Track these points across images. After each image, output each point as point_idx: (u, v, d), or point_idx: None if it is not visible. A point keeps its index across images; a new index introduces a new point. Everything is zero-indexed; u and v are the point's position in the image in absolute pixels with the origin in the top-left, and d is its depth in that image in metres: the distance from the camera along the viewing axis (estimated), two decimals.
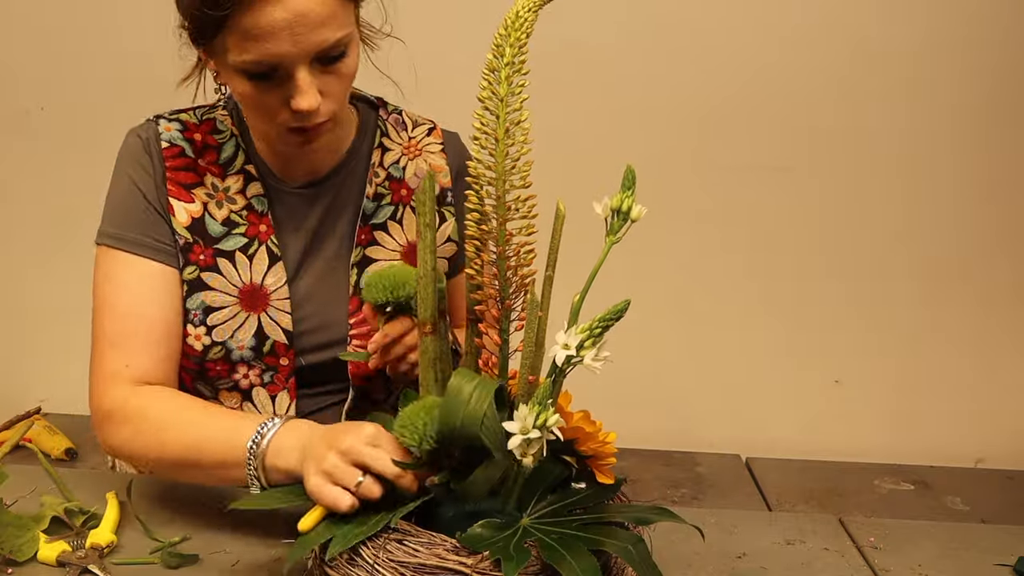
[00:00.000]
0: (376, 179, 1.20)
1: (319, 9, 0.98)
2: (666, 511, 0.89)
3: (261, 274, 1.15)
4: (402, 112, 1.27)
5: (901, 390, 2.26)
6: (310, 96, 1.01)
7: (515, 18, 0.82)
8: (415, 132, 1.25)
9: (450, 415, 0.82)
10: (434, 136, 1.25)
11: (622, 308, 0.79)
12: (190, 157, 1.14)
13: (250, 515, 1.10)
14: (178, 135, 1.14)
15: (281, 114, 1.04)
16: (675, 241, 2.16)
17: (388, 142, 1.23)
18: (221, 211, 1.14)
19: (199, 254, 1.13)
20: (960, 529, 1.27)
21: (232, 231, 1.14)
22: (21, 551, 0.98)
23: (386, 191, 1.21)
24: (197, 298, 1.13)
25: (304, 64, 1.00)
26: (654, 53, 2.11)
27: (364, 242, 1.19)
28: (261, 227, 1.15)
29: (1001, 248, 2.20)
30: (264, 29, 0.97)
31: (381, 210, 1.20)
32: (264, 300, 1.15)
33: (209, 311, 1.14)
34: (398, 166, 1.22)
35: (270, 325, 1.16)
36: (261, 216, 1.15)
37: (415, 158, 1.23)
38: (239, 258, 1.15)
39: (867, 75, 2.12)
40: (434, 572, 0.81)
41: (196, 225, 1.13)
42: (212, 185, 1.15)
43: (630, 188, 0.83)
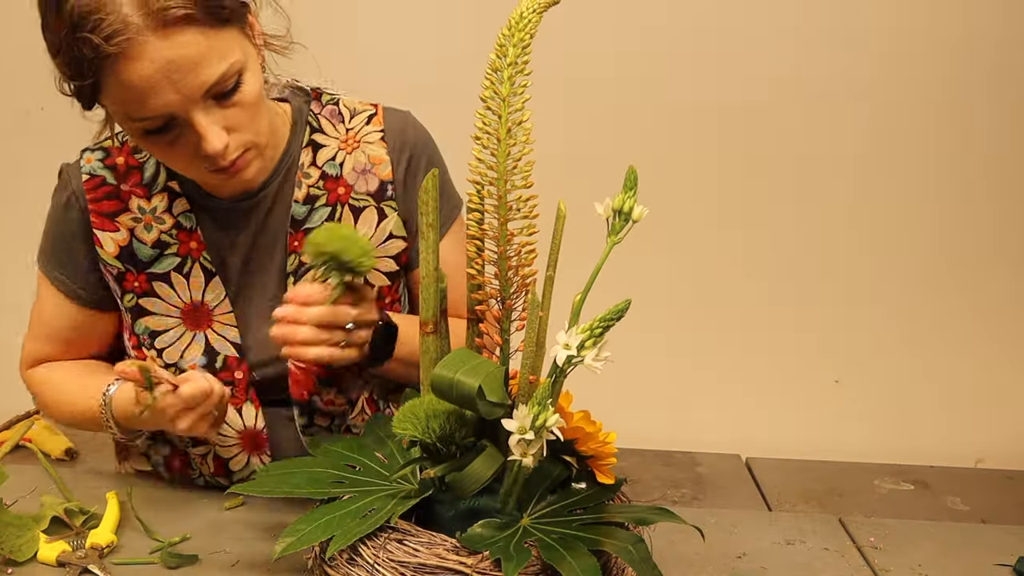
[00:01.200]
0: (307, 180, 1.14)
1: (188, 51, 0.93)
2: (666, 511, 0.89)
3: (200, 291, 1.14)
4: (339, 102, 1.19)
5: (901, 390, 2.26)
6: (215, 139, 0.97)
7: (519, 19, 0.82)
8: (353, 122, 1.17)
9: (450, 368, 0.82)
10: (374, 123, 1.17)
11: (623, 308, 0.79)
12: (112, 184, 1.13)
13: (250, 515, 1.10)
14: (99, 165, 1.14)
15: (195, 161, 1.01)
16: (676, 241, 2.16)
17: (322, 138, 1.16)
18: (150, 234, 1.13)
19: (133, 281, 1.13)
20: (960, 529, 1.27)
21: (164, 252, 1.13)
22: (21, 551, 0.98)
23: (320, 191, 1.14)
24: (141, 324, 1.15)
25: (197, 107, 0.96)
26: (655, 54, 2.11)
27: (298, 249, 1.14)
28: (192, 244, 1.13)
29: (1001, 248, 2.20)
30: (139, 86, 0.93)
31: (316, 212, 1.14)
32: (207, 317, 1.14)
33: (155, 335, 1.14)
34: (334, 163, 1.15)
35: (218, 340, 1.14)
36: (191, 233, 1.13)
37: (353, 151, 1.16)
38: (175, 278, 1.13)
39: (868, 77, 2.11)
40: (434, 572, 0.81)
41: (124, 253, 1.13)
42: (139, 208, 1.13)
43: (632, 189, 0.83)
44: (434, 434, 0.86)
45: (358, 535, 0.83)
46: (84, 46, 0.92)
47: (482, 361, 0.84)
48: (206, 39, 0.94)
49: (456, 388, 0.81)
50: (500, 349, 0.89)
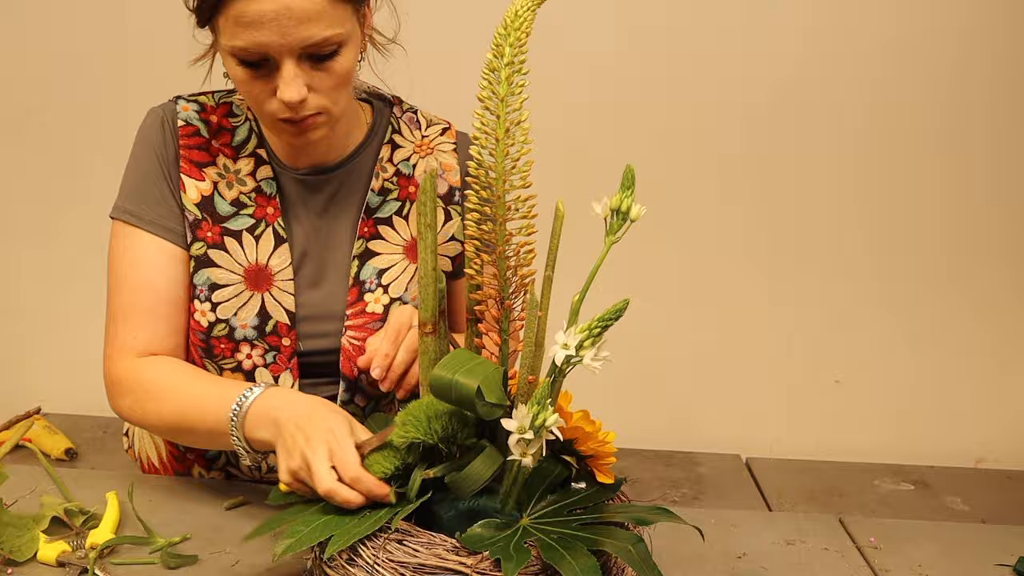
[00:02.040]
0: (384, 174, 1.22)
1: (307, 5, 1.01)
2: (666, 511, 0.89)
3: (267, 255, 1.17)
4: (417, 111, 1.28)
5: (901, 390, 2.26)
6: (293, 88, 1.04)
7: (514, 17, 0.82)
8: (428, 131, 1.26)
9: (448, 368, 0.82)
10: (447, 136, 1.26)
11: (621, 308, 0.79)
12: (204, 137, 1.17)
13: (250, 515, 1.10)
14: (195, 115, 1.18)
15: (269, 103, 1.07)
16: (675, 241, 2.16)
17: (400, 139, 1.24)
18: (231, 191, 1.17)
19: (207, 231, 1.16)
20: (960, 529, 1.27)
21: (240, 211, 1.17)
22: (21, 551, 0.98)
23: (393, 187, 1.22)
24: (203, 274, 1.16)
25: (291, 57, 1.03)
26: (654, 53, 2.11)
27: (367, 235, 1.20)
28: (268, 209, 1.18)
29: (1001, 248, 2.20)
30: (253, 18, 1.00)
31: (386, 204, 1.21)
32: (268, 280, 1.17)
33: (214, 288, 1.16)
34: (408, 163, 1.23)
35: (273, 305, 1.17)
36: (269, 199, 1.18)
37: (426, 156, 1.24)
38: (246, 238, 1.17)
39: (868, 77, 2.11)
40: (434, 572, 0.81)
41: (205, 203, 1.16)
42: (224, 166, 1.18)
43: (629, 188, 0.83)
44: (436, 435, 0.86)
45: (357, 536, 0.83)
46: None
47: (481, 362, 0.84)
48: (326, 3, 1.02)
49: (455, 389, 0.81)
50: (500, 349, 0.89)
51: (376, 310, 1.20)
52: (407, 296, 1.20)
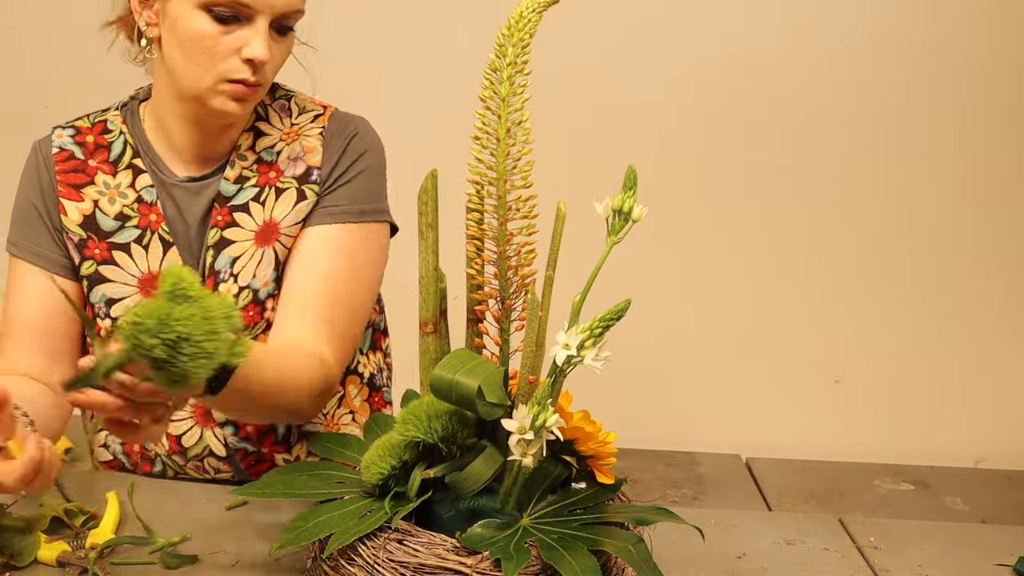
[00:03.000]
0: (242, 162, 1.19)
1: None
2: (666, 511, 0.89)
3: (158, 262, 1.18)
4: (292, 98, 1.24)
5: (901, 390, 2.26)
6: (264, 48, 1.06)
7: (519, 18, 0.82)
8: (299, 119, 1.22)
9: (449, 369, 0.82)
10: (319, 121, 1.21)
11: (623, 308, 0.79)
12: (79, 159, 1.19)
13: (250, 515, 1.10)
14: (69, 140, 1.20)
15: (226, 62, 1.08)
16: (675, 241, 2.16)
17: (265, 126, 1.21)
18: (113, 207, 1.18)
19: (94, 248, 1.17)
20: (960, 529, 1.27)
21: (125, 224, 1.18)
22: (21, 556, 0.98)
23: (252, 174, 1.19)
24: (98, 291, 1.17)
25: (267, 18, 1.06)
26: (656, 53, 2.11)
27: (221, 224, 1.18)
28: (152, 216, 1.18)
29: (1001, 248, 2.20)
30: None
31: (243, 192, 1.18)
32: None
33: (111, 303, 1.17)
34: (272, 151, 1.20)
35: None
36: (151, 206, 1.18)
37: (291, 143, 1.20)
38: (135, 249, 1.18)
39: (870, 76, 2.11)
40: (434, 572, 0.81)
41: (88, 222, 1.17)
42: (104, 183, 1.18)
43: (631, 188, 0.83)
44: (436, 434, 0.86)
45: (357, 534, 0.83)
46: None
47: (482, 362, 0.84)
48: None
49: (455, 389, 0.81)
50: (500, 349, 0.89)
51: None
52: (256, 283, 1.17)
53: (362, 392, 1.30)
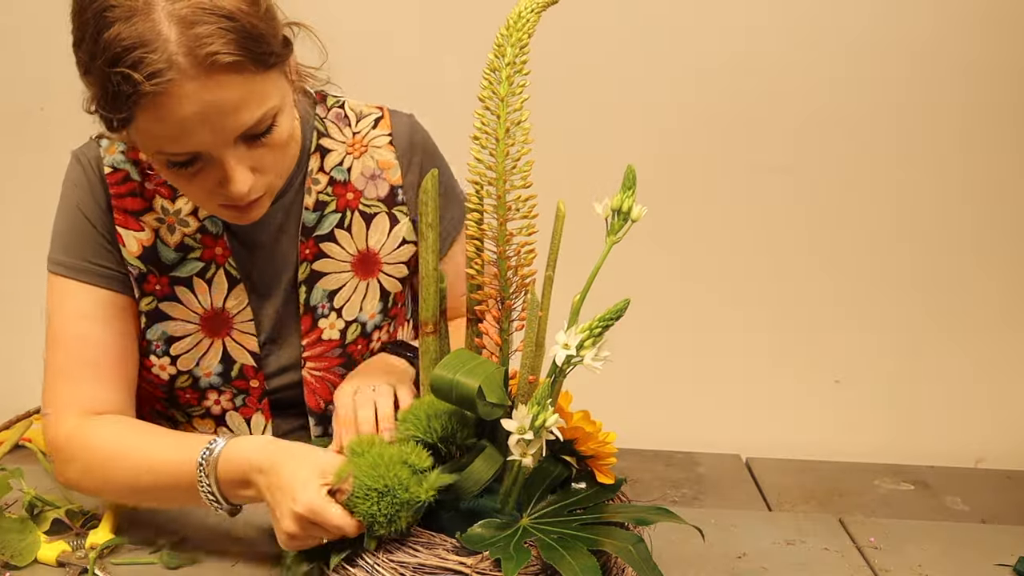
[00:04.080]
0: (316, 187, 1.11)
1: (230, 95, 0.89)
2: (666, 511, 0.89)
3: (222, 298, 1.10)
4: (344, 104, 1.16)
5: (901, 390, 2.26)
6: (241, 182, 0.94)
7: (517, 18, 0.82)
8: (359, 126, 1.15)
9: (449, 369, 0.82)
10: (381, 127, 1.15)
11: (622, 308, 0.79)
12: (135, 181, 1.07)
13: (250, 515, 1.10)
14: (121, 157, 1.08)
15: (213, 196, 0.98)
16: (675, 241, 2.16)
17: (329, 142, 1.13)
18: (174, 236, 1.08)
19: (155, 284, 1.08)
20: (960, 529, 1.27)
21: (187, 256, 1.09)
22: (22, 555, 0.98)
23: (329, 197, 1.12)
24: (157, 329, 1.09)
25: (228, 148, 0.93)
26: (655, 53, 2.11)
27: (309, 257, 1.12)
28: (217, 249, 1.09)
29: (1001, 248, 2.20)
30: (176, 125, 0.89)
31: (325, 220, 1.12)
32: (227, 324, 1.11)
33: (171, 341, 1.10)
34: (342, 168, 1.13)
35: (236, 349, 1.12)
36: (216, 238, 1.09)
37: (361, 156, 1.14)
38: (197, 283, 1.09)
39: (869, 76, 2.11)
40: (434, 572, 0.81)
41: (148, 254, 1.08)
42: (162, 208, 1.08)
43: (631, 188, 0.83)
44: (435, 434, 0.86)
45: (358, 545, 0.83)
46: (123, 82, 0.88)
47: (482, 361, 0.84)
48: (248, 84, 0.90)
49: (456, 389, 0.81)
50: (500, 349, 0.89)
51: (332, 336, 1.13)
52: (363, 316, 1.14)
53: None
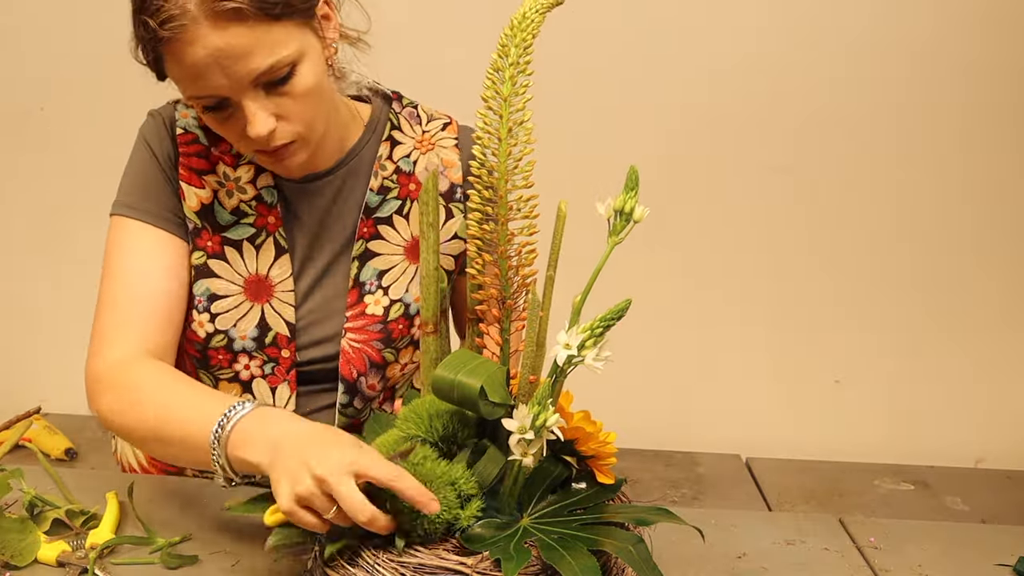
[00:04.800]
0: (383, 172, 1.19)
1: (239, 41, 0.97)
2: (666, 511, 0.89)
3: (267, 265, 1.16)
4: (418, 106, 1.25)
5: (901, 390, 2.27)
6: (259, 123, 1.01)
7: (522, 19, 0.82)
8: (429, 126, 1.23)
9: (451, 369, 0.82)
10: (449, 131, 1.23)
11: (623, 308, 0.79)
12: (203, 144, 1.15)
13: (250, 515, 1.10)
14: (193, 122, 1.15)
15: (245, 141, 1.05)
16: (676, 241, 2.16)
17: (399, 135, 1.21)
18: (231, 200, 1.15)
19: (207, 240, 1.14)
20: (960, 529, 1.27)
21: (241, 220, 1.15)
22: (22, 556, 0.98)
23: (393, 184, 1.19)
24: (202, 284, 1.14)
25: (247, 93, 1.00)
26: (658, 54, 2.11)
27: (366, 235, 1.18)
28: (270, 219, 1.16)
29: (1001, 248, 2.20)
30: (192, 69, 0.98)
31: (386, 204, 1.19)
32: (269, 291, 1.16)
33: (214, 299, 1.15)
34: (408, 160, 1.20)
35: (273, 316, 1.16)
36: (270, 208, 1.16)
37: (427, 152, 1.21)
38: (246, 248, 1.15)
39: (870, 76, 2.11)
40: (434, 572, 0.81)
41: (205, 211, 1.14)
42: (223, 174, 1.15)
43: (633, 189, 0.83)
44: (437, 433, 0.86)
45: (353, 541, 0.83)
46: (143, 27, 0.99)
47: (483, 361, 0.84)
48: (254, 32, 0.98)
49: (457, 389, 0.81)
50: (501, 349, 0.89)
51: (376, 312, 1.18)
52: (408, 297, 1.19)
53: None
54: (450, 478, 0.84)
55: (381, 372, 1.19)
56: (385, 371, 1.20)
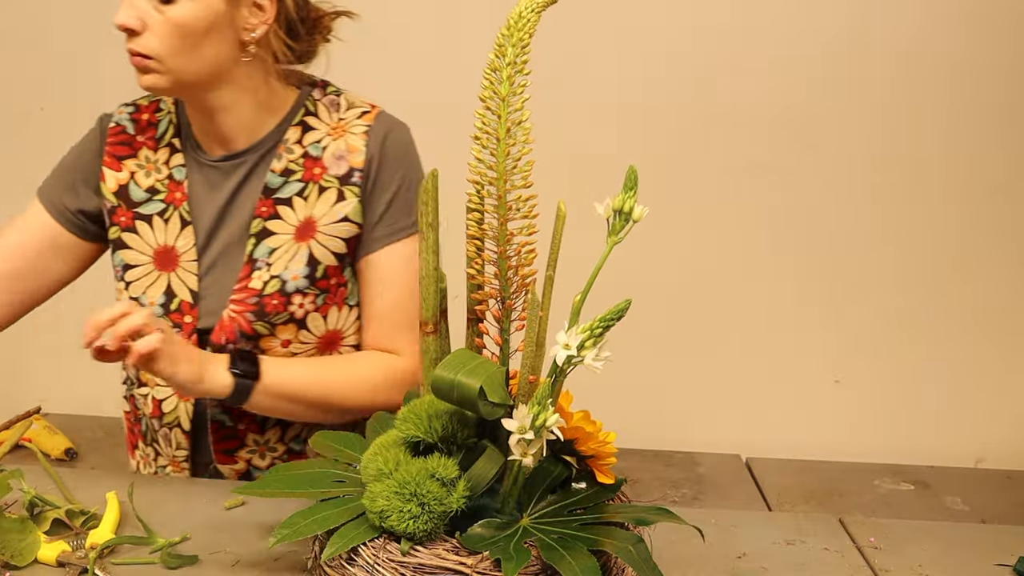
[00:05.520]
0: (289, 155, 1.24)
1: None
2: (666, 511, 0.89)
3: (174, 237, 1.25)
4: (341, 95, 1.29)
5: (901, 390, 2.26)
6: (122, 11, 1.12)
7: (518, 18, 0.82)
8: (347, 114, 1.26)
9: (450, 369, 0.82)
10: (365, 119, 1.26)
11: (623, 308, 0.79)
12: (129, 134, 1.28)
13: (250, 515, 1.10)
14: (126, 117, 1.29)
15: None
16: (676, 241, 2.16)
17: (314, 121, 1.26)
18: (148, 180, 1.26)
19: (121, 216, 1.26)
20: (960, 529, 1.27)
21: (153, 197, 1.26)
22: (22, 555, 0.98)
23: (298, 168, 1.24)
24: (118, 256, 1.27)
25: None
26: (656, 53, 2.11)
27: (264, 215, 1.23)
28: (177, 194, 1.25)
29: (1001, 247, 2.20)
30: None
31: (288, 186, 1.23)
32: (174, 261, 1.25)
33: (127, 268, 1.26)
34: (319, 145, 1.24)
35: (178, 284, 1.25)
36: (179, 184, 1.25)
37: (337, 139, 1.25)
38: (156, 221, 1.25)
39: (870, 76, 2.11)
40: (434, 572, 0.81)
41: (121, 191, 1.26)
42: (145, 157, 1.27)
43: (632, 189, 0.83)
44: (436, 434, 0.86)
45: (356, 539, 0.83)
46: None
47: (482, 361, 0.84)
48: None
49: (457, 389, 0.81)
50: (501, 349, 0.89)
51: (256, 286, 1.22)
52: (286, 275, 1.22)
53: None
54: (428, 471, 0.84)
55: (253, 342, 1.22)
56: (259, 343, 1.23)
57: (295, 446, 1.29)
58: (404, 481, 0.83)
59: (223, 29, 1.15)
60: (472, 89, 0.86)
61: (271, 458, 1.28)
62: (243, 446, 1.27)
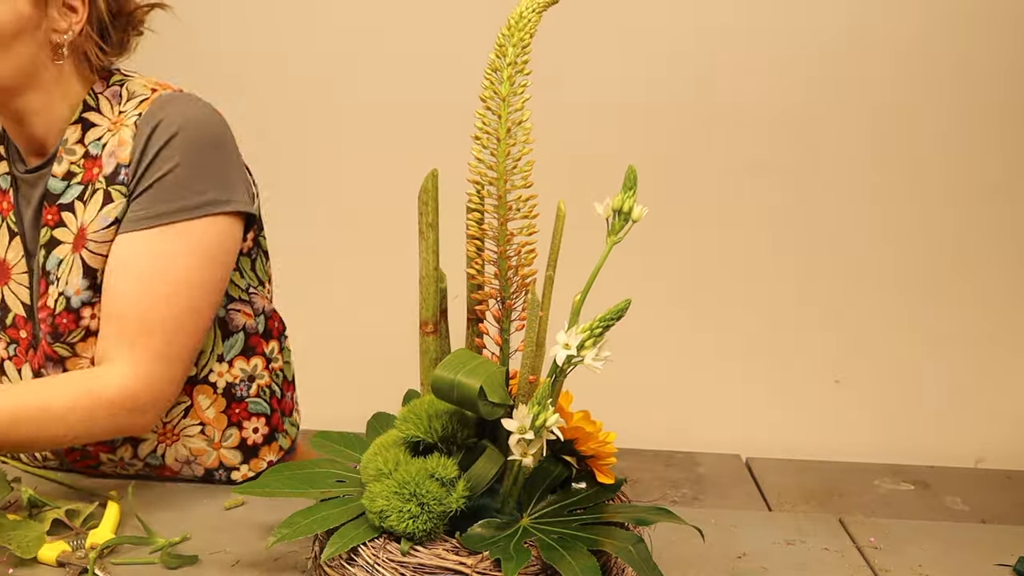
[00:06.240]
0: (71, 156, 1.14)
1: None
2: (666, 511, 0.89)
3: (4, 249, 1.19)
4: (125, 84, 1.17)
5: (901, 390, 2.27)
6: None
7: (519, 18, 0.82)
8: (127, 105, 1.15)
9: (450, 369, 0.82)
10: (140, 107, 1.14)
11: (623, 308, 0.79)
12: None
13: (250, 515, 1.10)
14: None
15: None
16: (676, 241, 2.17)
17: (96, 116, 1.15)
18: None
19: None
20: (960, 529, 1.27)
21: None
22: (28, 548, 0.98)
23: (79, 169, 1.14)
24: None
25: None
26: (656, 53, 2.11)
27: (51, 223, 1.14)
28: (3, 204, 1.20)
29: (1001, 247, 2.20)
30: None
31: (70, 189, 1.14)
32: (7, 274, 1.19)
33: None
34: (99, 143, 1.14)
35: (11, 298, 1.19)
36: (4, 193, 1.20)
37: (116, 134, 1.14)
38: None
39: (870, 76, 2.12)
40: (434, 572, 0.81)
41: None
42: None
43: (631, 188, 0.83)
44: (436, 434, 0.86)
45: (356, 540, 0.83)
46: None
47: (482, 362, 0.84)
48: None
49: (457, 389, 0.81)
50: (501, 349, 0.89)
51: (50, 303, 1.14)
52: (69, 290, 1.12)
53: (217, 403, 1.22)
54: (428, 471, 0.84)
55: (61, 367, 1.14)
56: (65, 365, 1.14)
57: (153, 461, 1.21)
58: (404, 481, 0.83)
59: (32, 32, 1.08)
60: (472, 89, 0.86)
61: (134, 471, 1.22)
62: (100, 464, 1.21)
